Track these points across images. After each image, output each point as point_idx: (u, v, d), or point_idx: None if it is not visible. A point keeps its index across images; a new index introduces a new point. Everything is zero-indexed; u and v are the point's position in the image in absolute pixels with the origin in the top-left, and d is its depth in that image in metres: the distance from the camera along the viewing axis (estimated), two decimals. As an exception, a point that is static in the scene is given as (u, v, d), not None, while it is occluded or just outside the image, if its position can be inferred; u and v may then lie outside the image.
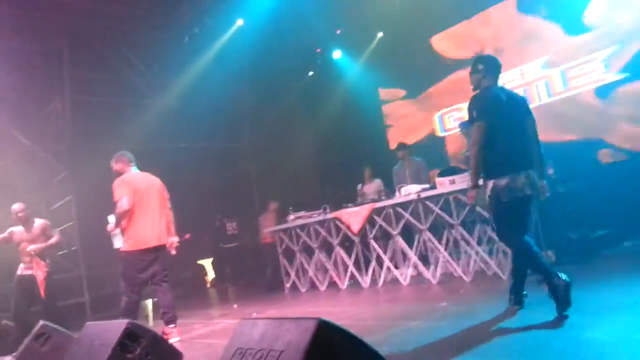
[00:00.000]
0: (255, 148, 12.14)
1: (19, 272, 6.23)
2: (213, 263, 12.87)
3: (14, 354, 4.84)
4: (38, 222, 6.37)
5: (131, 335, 3.35)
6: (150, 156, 11.05)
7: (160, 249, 5.01)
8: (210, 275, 13.34)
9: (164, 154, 11.15)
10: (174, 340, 4.69)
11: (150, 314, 6.75)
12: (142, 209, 4.92)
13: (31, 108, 9.63)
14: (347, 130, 10.25)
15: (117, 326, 3.38)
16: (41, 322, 4.87)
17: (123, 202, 4.78)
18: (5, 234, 6.24)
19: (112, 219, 5.03)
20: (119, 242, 5.02)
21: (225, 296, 9.65)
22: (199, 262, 13.36)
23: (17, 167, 9.37)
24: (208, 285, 12.81)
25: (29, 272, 6.14)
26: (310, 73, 11.22)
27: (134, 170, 5.16)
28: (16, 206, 6.33)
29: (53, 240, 6.30)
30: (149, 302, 6.67)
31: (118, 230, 5.00)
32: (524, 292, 3.73)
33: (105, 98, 10.30)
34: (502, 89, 3.84)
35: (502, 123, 3.59)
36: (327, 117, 10.77)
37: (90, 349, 3.46)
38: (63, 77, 9.29)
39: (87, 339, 3.61)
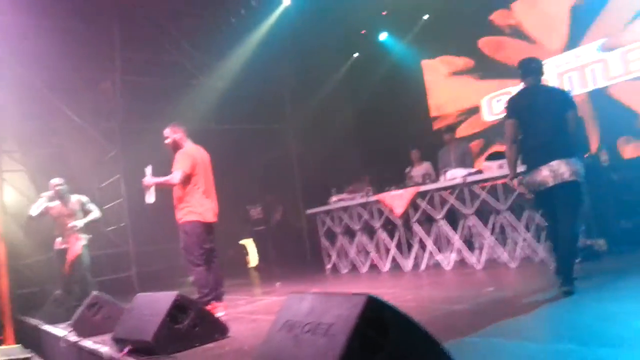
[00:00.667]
0: (298, 130, 12.17)
1: (56, 246, 6.37)
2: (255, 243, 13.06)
3: (69, 322, 5.10)
4: (75, 198, 6.42)
5: (180, 307, 3.47)
6: (195, 137, 11.30)
7: (214, 226, 5.04)
8: (252, 255, 13.58)
9: (209, 135, 11.34)
10: (219, 314, 4.80)
11: None
12: (207, 182, 4.91)
13: (84, 88, 9.95)
14: (390, 112, 10.15)
15: (166, 298, 3.50)
16: (93, 293, 5.10)
17: (175, 176, 4.70)
18: (42, 209, 6.33)
19: (149, 170, 4.85)
20: (150, 198, 4.76)
21: (267, 275, 9.80)
22: (241, 242, 13.61)
23: (70, 145, 9.74)
24: (249, 264, 13.04)
25: (66, 246, 6.26)
26: (355, 54, 11.14)
27: (190, 142, 5.07)
28: (54, 180, 6.40)
29: (94, 215, 6.35)
30: None
31: (153, 187, 4.80)
32: (574, 277, 3.66)
33: (153, 78, 10.53)
34: (540, 87, 4.08)
35: (529, 120, 3.88)
36: (371, 98, 10.71)
37: (140, 318, 3.59)
38: (114, 57, 9.54)
39: (138, 309, 3.76)
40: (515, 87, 8.59)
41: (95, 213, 6.39)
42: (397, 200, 6.40)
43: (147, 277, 9.20)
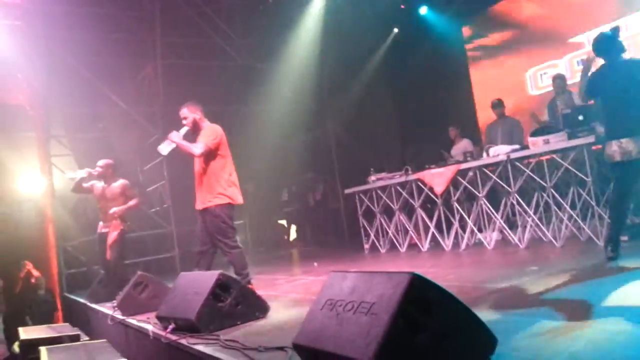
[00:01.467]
0: (336, 110, 12.09)
1: (98, 230, 6.37)
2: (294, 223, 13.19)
3: (114, 301, 5.28)
4: (119, 182, 6.33)
5: (223, 286, 3.53)
6: (234, 118, 11.43)
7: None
8: (291, 235, 13.72)
9: (246, 116, 11.44)
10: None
11: None
12: (232, 163, 4.80)
13: (127, 73, 10.18)
14: (430, 88, 9.94)
15: (209, 277, 3.56)
16: (139, 272, 5.25)
17: (199, 147, 4.49)
18: (89, 184, 6.31)
19: (184, 131, 4.62)
20: (165, 150, 4.56)
21: (305, 255, 9.88)
22: (279, 221, 13.77)
23: (114, 130, 10.01)
24: (287, 244, 13.19)
25: (106, 229, 6.22)
26: (395, 30, 10.92)
27: (208, 122, 4.82)
28: (100, 162, 6.35)
29: (132, 202, 6.25)
30: None
31: (173, 145, 4.56)
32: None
33: (193, 62, 10.66)
34: (618, 63, 4.04)
35: (606, 98, 4.08)
36: (410, 75, 10.49)
37: (184, 297, 3.67)
38: (155, 41, 9.69)
39: (182, 287, 3.84)
40: (559, 59, 8.38)
41: (135, 200, 6.31)
42: (437, 178, 6.30)
43: (189, 258, 9.40)
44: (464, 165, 6.09)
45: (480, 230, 6.33)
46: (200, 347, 2.99)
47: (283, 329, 3.22)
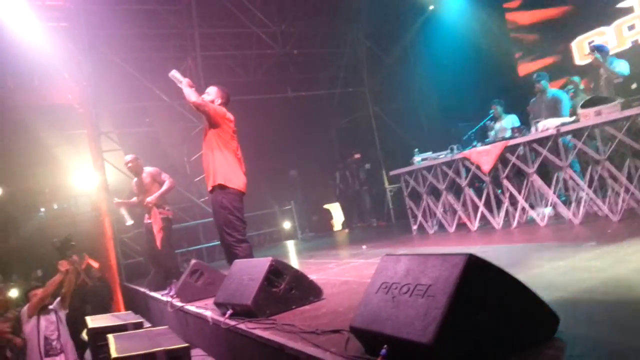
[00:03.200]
0: (375, 91, 11.99)
1: (145, 220, 6.36)
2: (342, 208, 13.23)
3: (167, 290, 5.48)
4: (147, 171, 6.28)
5: (276, 272, 3.59)
6: (274, 106, 11.54)
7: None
8: (337, 218, 13.79)
9: (287, 104, 11.52)
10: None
11: None
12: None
13: (168, 67, 10.38)
14: (471, 64, 9.69)
15: (263, 263, 3.63)
16: (193, 260, 5.41)
17: (195, 96, 4.43)
18: (127, 206, 6.41)
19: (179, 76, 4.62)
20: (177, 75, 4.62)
21: (353, 238, 9.92)
22: (325, 206, 13.84)
23: (160, 123, 10.28)
24: (334, 228, 13.27)
25: (149, 220, 6.20)
26: (431, 7, 10.68)
27: None
28: (127, 157, 6.37)
29: (165, 186, 6.15)
30: None
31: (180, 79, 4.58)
32: None
33: (231, 52, 10.77)
34: None
35: None
36: (449, 52, 10.25)
37: (239, 283, 3.76)
38: (193, 34, 9.84)
39: (237, 274, 3.94)
40: (607, 26, 7.98)
41: (166, 184, 6.19)
42: (484, 156, 6.18)
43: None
44: (511, 142, 5.94)
45: (532, 207, 6.19)
46: (258, 332, 3.07)
47: (337, 312, 3.26)
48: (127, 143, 9.96)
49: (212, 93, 4.74)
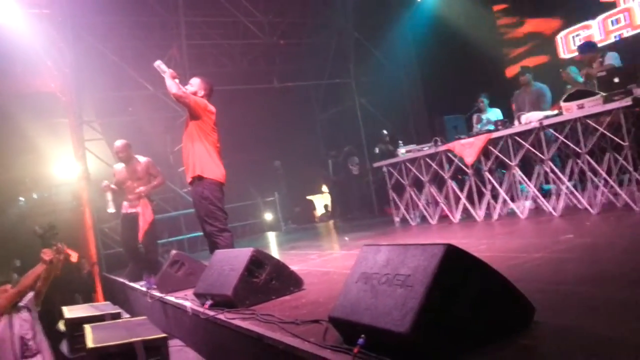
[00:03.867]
0: (362, 83, 11.97)
1: (123, 210, 6.21)
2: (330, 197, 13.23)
3: (143, 282, 5.40)
4: (142, 160, 6.18)
5: (256, 262, 3.59)
6: (259, 96, 11.46)
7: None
8: (319, 210, 13.82)
9: (270, 94, 11.45)
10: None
11: None
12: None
13: (153, 55, 10.25)
14: (458, 57, 9.70)
15: (243, 253, 3.62)
16: (174, 251, 5.37)
17: (176, 87, 4.43)
18: (114, 184, 6.10)
19: (164, 67, 4.60)
20: (162, 65, 4.58)
21: (335, 230, 9.93)
22: (308, 197, 13.85)
23: (143, 113, 10.16)
24: (316, 220, 13.29)
25: (133, 210, 6.07)
26: None
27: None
28: (117, 143, 6.20)
29: (157, 181, 6.15)
30: None
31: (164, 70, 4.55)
32: None
33: (217, 41, 10.66)
34: None
35: None
36: (436, 43, 10.25)
37: (220, 274, 3.75)
38: (179, 22, 9.72)
39: (218, 264, 3.92)
40: (593, 20, 8.05)
41: (158, 178, 6.19)
42: (467, 148, 6.21)
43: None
44: (495, 135, 5.98)
45: (512, 200, 6.24)
46: (237, 322, 3.06)
47: (317, 303, 3.26)
48: (109, 132, 9.84)
49: (195, 84, 4.73)
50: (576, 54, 7.97)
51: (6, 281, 5.81)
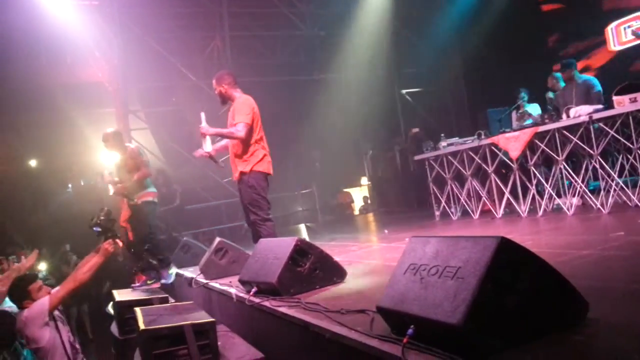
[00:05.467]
0: (402, 74, 11.85)
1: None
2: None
3: (196, 266, 5.52)
4: (128, 151, 5.60)
5: (301, 251, 3.63)
6: (300, 88, 11.50)
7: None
8: (357, 202, 13.80)
9: (313, 85, 11.47)
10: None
11: None
12: (263, 132, 4.75)
13: (197, 46, 10.47)
14: (501, 49, 9.49)
15: (288, 242, 3.67)
16: (218, 239, 5.47)
17: (240, 130, 4.49)
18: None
19: (203, 117, 4.62)
20: (207, 147, 4.64)
21: (374, 222, 9.92)
22: (345, 190, 13.86)
23: (187, 103, 10.36)
24: (354, 211, 13.28)
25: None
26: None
27: (240, 92, 4.80)
28: (108, 130, 5.65)
29: (135, 176, 5.40)
30: None
31: (209, 137, 4.62)
32: None
33: (259, 33, 10.75)
34: None
35: None
36: (478, 37, 10.07)
37: (265, 262, 3.81)
38: (222, 14, 9.85)
39: (262, 253, 3.98)
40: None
41: (137, 173, 5.44)
42: (512, 142, 6.08)
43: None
44: (541, 128, 5.84)
45: (559, 196, 6.09)
46: (283, 309, 3.11)
47: (361, 293, 3.28)
48: (153, 122, 10.08)
49: (216, 84, 4.80)
50: (628, 46, 7.71)
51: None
